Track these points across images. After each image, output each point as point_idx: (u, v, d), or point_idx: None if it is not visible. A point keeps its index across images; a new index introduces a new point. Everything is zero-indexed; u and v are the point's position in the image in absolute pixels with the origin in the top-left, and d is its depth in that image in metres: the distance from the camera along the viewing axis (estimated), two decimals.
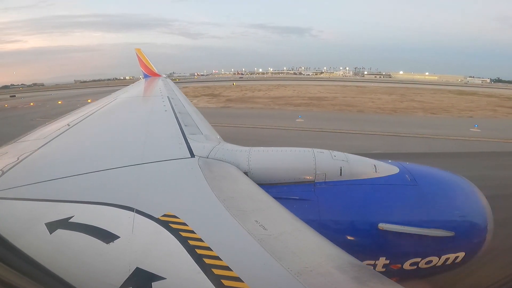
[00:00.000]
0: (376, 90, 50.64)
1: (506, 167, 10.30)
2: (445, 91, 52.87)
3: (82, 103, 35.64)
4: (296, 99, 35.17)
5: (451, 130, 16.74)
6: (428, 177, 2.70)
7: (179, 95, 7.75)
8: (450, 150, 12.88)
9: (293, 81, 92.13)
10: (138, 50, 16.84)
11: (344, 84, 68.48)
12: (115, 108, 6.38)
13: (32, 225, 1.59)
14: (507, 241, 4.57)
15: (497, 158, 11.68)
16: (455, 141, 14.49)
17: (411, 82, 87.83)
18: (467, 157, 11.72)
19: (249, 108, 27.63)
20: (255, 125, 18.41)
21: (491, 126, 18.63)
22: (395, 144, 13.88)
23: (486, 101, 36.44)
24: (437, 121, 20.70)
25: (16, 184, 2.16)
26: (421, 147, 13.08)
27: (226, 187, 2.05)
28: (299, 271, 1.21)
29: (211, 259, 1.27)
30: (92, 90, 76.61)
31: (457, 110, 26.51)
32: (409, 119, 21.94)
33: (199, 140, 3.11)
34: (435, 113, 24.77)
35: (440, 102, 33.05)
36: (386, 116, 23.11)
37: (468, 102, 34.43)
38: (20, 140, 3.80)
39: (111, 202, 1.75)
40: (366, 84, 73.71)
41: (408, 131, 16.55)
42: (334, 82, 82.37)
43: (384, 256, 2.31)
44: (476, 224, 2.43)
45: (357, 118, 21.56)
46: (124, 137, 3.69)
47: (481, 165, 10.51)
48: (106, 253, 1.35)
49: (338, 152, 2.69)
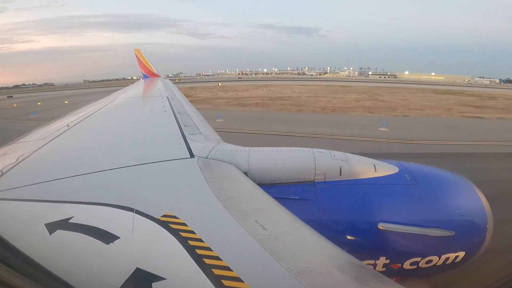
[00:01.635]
0: (355, 90, 50.53)
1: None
2: (428, 90, 52.74)
3: (60, 104, 33.81)
4: (256, 99, 35.28)
5: (360, 130, 16.49)
6: (428, 176, 2.70)
7: (178, 96, 7.75)
8: (341, 150, 12.15)
9: (290, 81, 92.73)
10: (137, 51, 16.84)
11: (331, 84, 68.88)
12: (114, 108, 6.37)
13: (32, 225, 1.59)
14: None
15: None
16: (353, 141, 14.12)
17: (409, 82, 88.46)
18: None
19: (198, 108, 26.98)
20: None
21: (401, 126, 18.42)
22: (276, 144, 13.40)
23: (457, 100, 36.10)
24: (358, 120, 20.57)
25: (16, 185, 2.16)
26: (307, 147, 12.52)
27: (226, 187, 2.05)
28: (299, 271, 1.21)
29: (211, 259, 1.27)
30: (91, 90, 77.23)
31: (406, 109, 26.33)
32: (332, 118, 21.61)
33: (198, 140, 3.11)
34: (375, 112, 24.54)
35: (401, 101, 32.91)
36: (316, 115, 23.07)
37: (432, 101, 34.12)
38: (20, 140, 3.79)
39: (110, 203, 1.75)
40: (358, 84, 73.91)
41: (313, 130, 16.36)
42: (328, 82, 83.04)
43: (384, 256, 2.31)
44: (476, 223, 2.43)
45: (282, 117, 21.61)
46: (124, 138, 3.68)
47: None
48: (106, 254, 1.34)
49: (337, 152, 2.69)
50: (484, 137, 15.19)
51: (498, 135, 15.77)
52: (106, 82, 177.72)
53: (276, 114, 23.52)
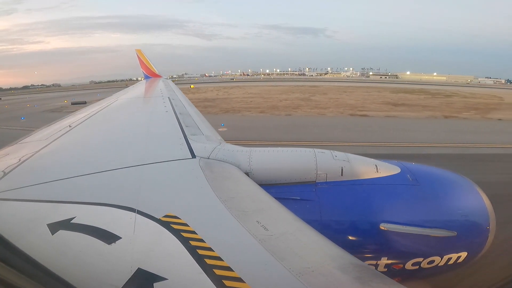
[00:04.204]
0: (315, 90, 49.90)
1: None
2: (396, 90, 51.54)
3: (22, 106, 34.24)
4: (193, 101, 34.71)
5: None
6: (430, 176, 2.69)
7: (180, 96, 7.77)
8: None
9: (278, 81, 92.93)
10: (139, 51, 16.91)
11: (308, 85, 67.75)
12: (116, 109, 6.40)
13: (34, 226, 1.60)
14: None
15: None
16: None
17: (403, 82, 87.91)
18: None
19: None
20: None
21: (241, 125, 17.97)
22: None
23: (391, 99, 34.64)
24: (213, 120, 19.57)
25: (18, 185, 2.17)
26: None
27: (227, 188, 2.05)
28: (300, 271, 1.21)
29: (213, 259, 1.27)
30: (89, 91, 77.45)
31: (308, 109, 25.63)
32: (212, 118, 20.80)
33: (200, 140, 3.12)
34: (266, 112, 23.92)
35: (327, 101, 31.73)
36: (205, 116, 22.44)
37: (360, 100, 33.21)
38: (22, 141, 3.82)
39: (112, 203, 1.75)
40: (342, 84, 72.50)
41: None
42: (314, 82, 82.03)
43: (386, 256, 2.30)
44: (478, 224, 2.42)
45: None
46: (125, 138, 3.70)
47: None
48: (108, 254, 1.35)
49: (339, 152, 2.69)
50: (297, 137, 14.38)
51: (325, 135, 15.11)
52: (111, 82, 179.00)
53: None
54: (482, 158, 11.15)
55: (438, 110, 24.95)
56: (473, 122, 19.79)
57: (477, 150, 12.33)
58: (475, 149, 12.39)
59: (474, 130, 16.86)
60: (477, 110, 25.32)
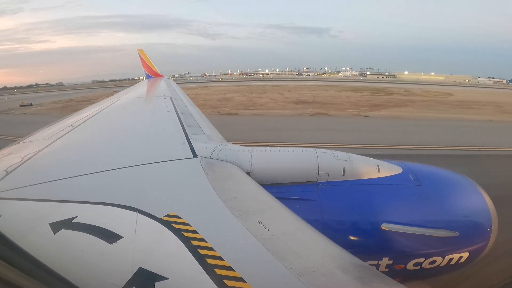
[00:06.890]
0: (266, 89, 50.27)
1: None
2: (357, 88, 52.03)
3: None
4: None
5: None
6: (432, 177, 2.69)
7: (182, 96, 7.78)
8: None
9: (268, 81, 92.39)
10: (141, 51, 16.90)
11: (271, 84, 67.84)
12: (118, 108, 6.41)
13: (36, 225, 1.60)
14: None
15: None
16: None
17: (397, 82, 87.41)
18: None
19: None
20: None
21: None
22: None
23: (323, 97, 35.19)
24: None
25: (20, 184, 2.18)
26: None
27: (228, 187, 2.05)
28: (301, 271, 1.21)
29: (214, 259, 1.27)
30: (89, 90, 77.74)
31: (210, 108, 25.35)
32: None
33: (201, 140, 3.12)
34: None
35: (266, 101, 31.51)
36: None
37: (288, 98, 33.57)
38: (24, 140, 3.84)
39: (114, 202, 1.76)
40: (327, 83, 71.48)
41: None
42: (304, 82, 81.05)
43: (387, 257, 2.30)
44: (480, 224, 2.40)
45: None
46: (127, 138, 3.71)
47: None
48: (109, 253, 1.35)
49: (340, 152, 2.68)
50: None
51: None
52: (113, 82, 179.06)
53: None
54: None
55: (332, 108, 24.78)
56: (337, 119, 20.07)
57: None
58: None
59: (315, 127, 17.14)
60: (379, 107, 25.25)
